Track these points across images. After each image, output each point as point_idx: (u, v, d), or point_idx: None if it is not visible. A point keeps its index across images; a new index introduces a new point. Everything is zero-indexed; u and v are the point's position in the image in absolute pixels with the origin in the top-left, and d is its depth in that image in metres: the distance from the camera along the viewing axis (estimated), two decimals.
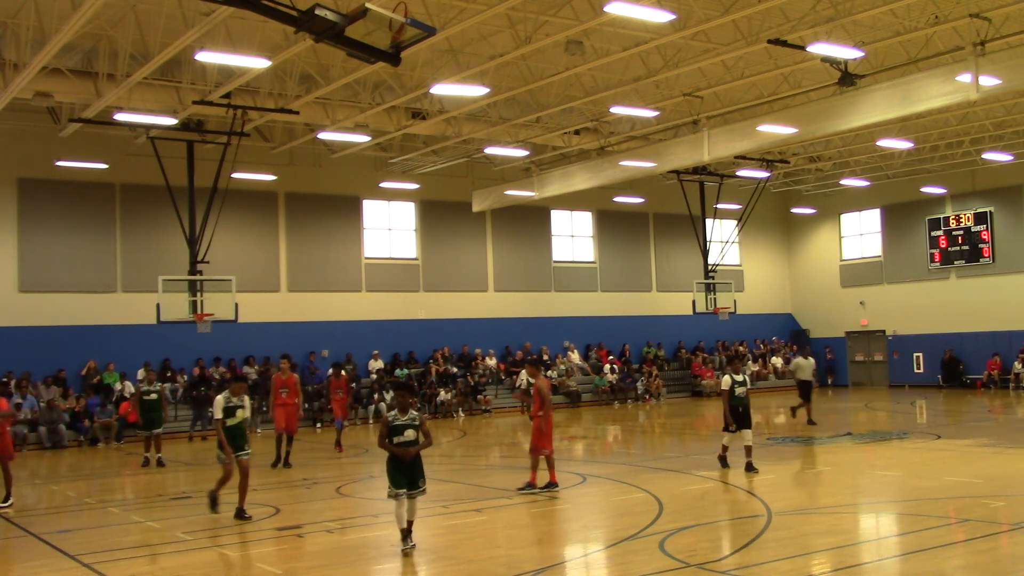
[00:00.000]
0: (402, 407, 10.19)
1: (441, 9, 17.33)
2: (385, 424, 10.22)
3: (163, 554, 10.74)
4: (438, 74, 21.00)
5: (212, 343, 26.74)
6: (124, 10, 17.93)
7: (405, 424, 10.10)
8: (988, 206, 35.38)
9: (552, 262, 35.67)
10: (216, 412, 12.30)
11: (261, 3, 9.91)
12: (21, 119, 24.76)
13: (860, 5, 18.12)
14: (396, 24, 9.33)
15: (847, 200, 39.49)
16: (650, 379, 34.88)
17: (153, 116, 22.38)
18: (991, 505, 11.86)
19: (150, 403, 19.53)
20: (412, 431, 10.09)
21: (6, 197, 26.17)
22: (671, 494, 13.33)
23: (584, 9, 17.76)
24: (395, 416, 10.16)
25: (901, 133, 28.36)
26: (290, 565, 9.99)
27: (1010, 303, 34.26)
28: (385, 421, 10.28)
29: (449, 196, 32.99)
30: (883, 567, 9.22)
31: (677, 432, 24.46)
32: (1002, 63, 19.13)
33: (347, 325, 30.67)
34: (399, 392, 10.53)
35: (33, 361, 25.49)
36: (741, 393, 15.27)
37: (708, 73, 22.58)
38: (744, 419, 15.22)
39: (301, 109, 22.88)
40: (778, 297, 41.90)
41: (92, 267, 27.16)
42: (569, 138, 28.16)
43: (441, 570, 9.58)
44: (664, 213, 37.42)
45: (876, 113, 21.55)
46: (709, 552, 9.84)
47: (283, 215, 30.39)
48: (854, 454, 17.92)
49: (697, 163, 28.06)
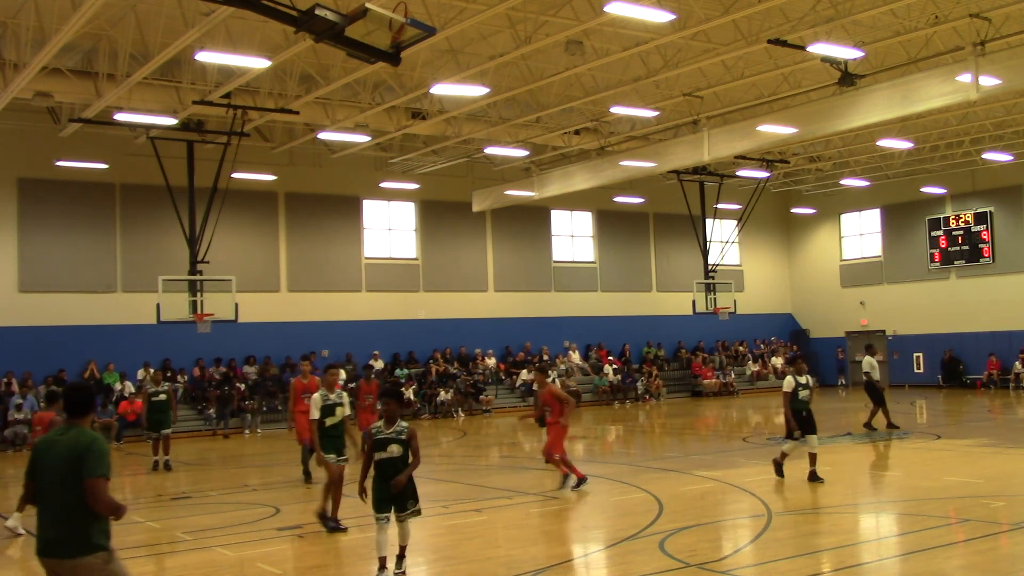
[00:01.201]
0: (388, 417, 8.68)
1: (441, 9, 17.33)
2: (368, 437, 8.80)
3: (163, 554, 10.75)
4: (438, 74, 21.00)
5: (212, 343, 26.75)
6: (124, 10, 17.92)
7: (390, 438, 8.58)
8: (988, 206, 35.37)
9: (552, 262, 35.67)
10: (313, 411, 11.03)
11: (261, 3, 9.91)
12: (21, 119, 24.77)
13: (860, 5, 18.11)
14: (396, 24, 9.33)
15: (847, 200, 39.49)
16: (650, 379, 34.88)
17: (153, 116, 22.38)
18: (991, 505, 11.86)
19: (158, 404, 18.79)
20: (397, 446, 8.57)
21: (6, 197, 26.17)
22: (671, 494, 13.33)
23: (584, 9, 17.76)
24: (379, 428, 8.66)
25: (901, 133, 28.35)
26: (290, 565, 9.99)
27: (1010, 303, 34.26)
28: (368, 434, 8.83)
29: (449, 196, 32.99)
30: (883, 567, 9.22)
31: (677, 432, 24.46)
32: (1002, 63, 19.14)
33: (347, 325, 30.67)
34: (385, 400, 8.84)
35: (33, 361, 25.50)
36: (805, 396, 14.06)
37: (708, 73, 22.57)
38: (808, 424, 14.04)
39: (301, 109, 22.88)
40: (778, 297, 41.90)
41: (92, 267, 27.17)
42: (569, 138, 28.15)
43: (441, 570, 9.58)
44: (664, 213, 37.41)
45: (876, 113, 21.56)
46: (709, 552, 9.83)
47: (283, 215, 30.39)
48: (854, 454, 17.92)
49: (697, 163, 28.06)
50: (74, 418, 5.78)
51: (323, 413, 11.00)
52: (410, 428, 8.71)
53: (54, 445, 5.65)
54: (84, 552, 5.46)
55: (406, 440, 8.61)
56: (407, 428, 8.68)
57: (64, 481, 5.52)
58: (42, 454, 5.73)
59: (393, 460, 8.56)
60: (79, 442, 5.59)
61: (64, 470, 5.54)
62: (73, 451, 5.56)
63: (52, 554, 5.49)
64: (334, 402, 11.09)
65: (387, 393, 8.97)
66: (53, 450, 5.64)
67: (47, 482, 5.59)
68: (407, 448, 8.61)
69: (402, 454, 8.59)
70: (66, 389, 5.91)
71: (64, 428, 5.73)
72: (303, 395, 15.39)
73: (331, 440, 10.91)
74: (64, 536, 5.47)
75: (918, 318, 37.00)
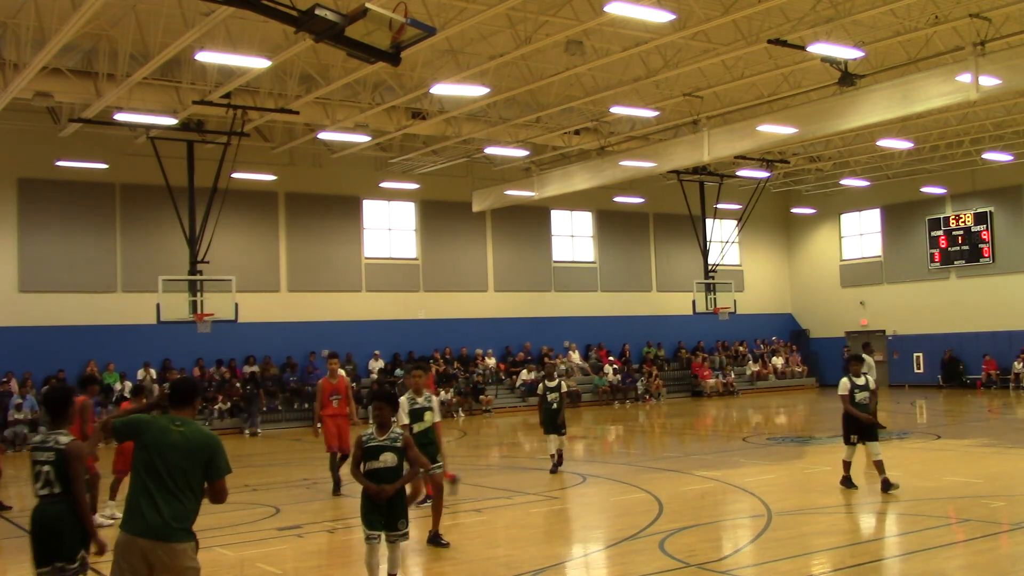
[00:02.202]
0: (381, 423, 8.02)
1: (441, 9, 17.33)
2: (358, 445, 8.05)
3: None
4: (438, 74, 21.00)
5: (212, 343, 26.73)
6: (124, 10, 17.92)
7: (383, 446, 7.94)
8: (988, 206, 35.37)
9: (552, 262, 35.67)
10: (402, 417, 9.88)
11: (261, 3, 9.91)
12: (21, 119, 24.75)
13: (860, 5, 18.11)
14: (396, 24, 9.32)
15: (847, 200, 39.49)
16: (650, 379, 34.88)
17: (153, 116, 22.37)
18: (991, 505, 11.86)
19: None
20: (391, 455, 7.92)
21: (6, 197, 26.17)
22: (671, 494, 13.33)
23: (584, 9, 17.75)
24: (371, 436, 8.01)
25: (901, 133, 28.35)
26: (290, 565, 9.99)
27: (1010, 303, 34.25)
28: (359, 442, 8.07)
29: (449, 196, 32.99)
30: (883, 567, 9.22)
31: (677, 432, 24.46)
32: (1002, 63, 19.14)
33: (347, 325, 30.66)
34: (378, 404, 8.13)
35: (33, 361, 25.49)
36: (863, 399, 13.23)
37: (708, 73, 22.57)
38: (867, 430, 13.17)
39: (301, 109, 22.88)
40: (778, 297, 41.90)
41: (92, 267, 27.16)
42: (569, 138, 28.15)
43: (441, 570, 9.57)
44: (664, 213, 37.42)
45: (876, 113, 21.56)
46: (709, 552, 9.83)
47: (283, 215, 30.39)
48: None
49: (697, 163, 28.06)
50: (180, 409, 5.97)
51: (411, 419, 9.94)
52: (405, 435, 8.18)
53: (168, 433, 5.79)
54: (185, 539, 5.67)
55: (402, 448, 7.98)
56: (402, 435, 8.10)
57: (184, 472, 5.73)
58: (158, 438, 5.79)
59: (388, 470, 7.92)
60: (202, 438, 5.86)
61: (185, 461, 5.74)
62: (196, 446, 5.79)
63: (153, 536, 5.59)
64: (422, 406, 10.05)
65: (379, 396, 8.23)
66: (169, 437, 5.77)
67: (161, 467, 5.70)
68: (403, 457, 7.98)
69: (397, 464, 7.94)
70: (174, 383, 6.15)
71: (172, 418, 5.91)
72: (331, 397, 14.45)
73: (422, 449, 9.21)
74: (171, 521, 5.62)
75: (918, 318, 37.00)
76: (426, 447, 9.69)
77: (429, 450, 9.84)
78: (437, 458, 10.13)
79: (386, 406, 8.11)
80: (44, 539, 6.50)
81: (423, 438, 9.83)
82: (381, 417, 8.07)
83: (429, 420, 10.05)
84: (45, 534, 6.50)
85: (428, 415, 10.07)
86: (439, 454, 10.18)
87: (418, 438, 9.50)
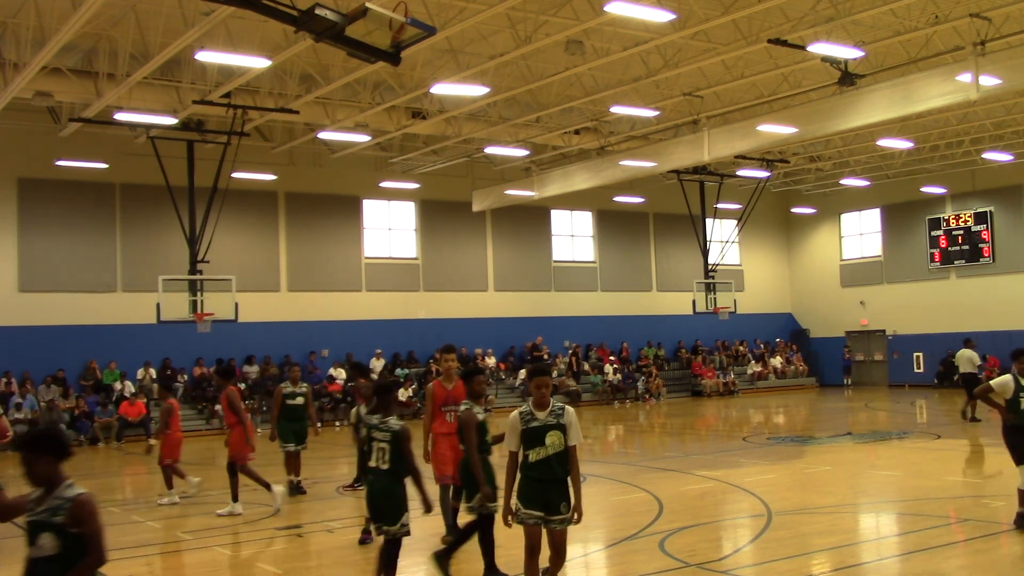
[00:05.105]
0: (540, 402, 6.97)
1: (441, 9, 17.33)
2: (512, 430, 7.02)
3: (163, 554, 10.74)
4: (438, 74, 21.00)
5: (212, 343, 26.75)
6: (124, 10, 17.93)
7: (548, 424, 6.87)
8: (988, 206, 35.37)
9: (552, 262, 35.67)
10: (510, 440, 7.37)
11: (261, 3, 9.91)
12: (21, 119, 24.76)
13: (860, 5, 18.12)
14: (396, 24, 9.33)
15: (847, 200, 39.49)
16: (650, 379, 34.88)
17: (153, 116, 22.38)
18: (991, 505, 11.87)
19: (294, 409, 15.26)
20: (557, 434, 6.84)
21: (6, 197, 26.17)
22: (671, 494, 13.33)
23: (584, 9, 17.76)
24: (530, 414, 6.93)
25: (901, 133, 28.35)
26: (290, 565, 9.99)
27: (1010, 303, 34.23)
28: (512, 424, 7.02)
29: (449, 196, 32.99)
30: (883, 567, 9.21)
31: (677, 432, 24.46)
32: (1002, 63, 19.14)
33: (347, 325, 30.67)
34: (541, 380, 7.01)
35: (33, 361, 25.50)
36: None
37: (708, 73, 22.57)
38: None
39: (301, 109, 22.89)
40: (778, 297, 41.90)
41: (92, 267, 27.16)
42: (569, 138, 28.16)
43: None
44: (664, 213, 37.41)
45: (876, 113, 21.56)
46: (709, 552, 9.83)
47: (283, 215, 30.39)
48: (854, 454, 17.91)
49: (697, 163, 28.06)
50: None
51: (527, 442, 6.86)
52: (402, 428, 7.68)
53: None
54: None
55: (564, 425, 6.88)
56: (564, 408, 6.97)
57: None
58: None
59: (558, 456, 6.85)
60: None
61: None
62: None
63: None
64: (545, 423, 6.86)
65: (539, 372, 7.08)
66: None
67: None
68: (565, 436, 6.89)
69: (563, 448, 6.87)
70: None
71: None
72: (444, 407, 10.29)
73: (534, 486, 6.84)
74: None
75: (918, 318, 37.00)
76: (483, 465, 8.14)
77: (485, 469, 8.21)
78: None
79: (550, 381, 7.02)
80: (375, 507, 7.78)
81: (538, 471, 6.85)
82: (542, 396, 6.86)
83: (558, 443, 6.86)
84: (375, 503, 7.75)
85: (551, 436, 6.85)
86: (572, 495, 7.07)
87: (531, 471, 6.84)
